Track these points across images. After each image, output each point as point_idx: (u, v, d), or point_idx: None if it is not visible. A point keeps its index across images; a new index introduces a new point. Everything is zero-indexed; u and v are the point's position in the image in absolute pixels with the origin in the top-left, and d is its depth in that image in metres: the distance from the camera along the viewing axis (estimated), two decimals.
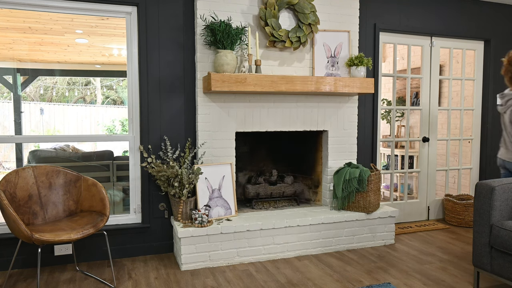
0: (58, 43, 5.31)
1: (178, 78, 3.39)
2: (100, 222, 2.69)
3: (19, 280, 2.90)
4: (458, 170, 4.64)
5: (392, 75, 4.32)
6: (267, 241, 3.26)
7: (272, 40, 3.39)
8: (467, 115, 4.81)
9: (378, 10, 4.04)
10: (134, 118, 3.37)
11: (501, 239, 2.46)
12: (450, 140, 4.58)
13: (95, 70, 7.30)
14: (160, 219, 3.42)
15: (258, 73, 3.24)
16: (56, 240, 2.44)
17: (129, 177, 3.40)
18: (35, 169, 2.86)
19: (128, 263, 3.24)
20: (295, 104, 3.57)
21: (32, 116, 8.35)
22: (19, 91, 6.21)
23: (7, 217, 2.48)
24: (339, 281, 2.88)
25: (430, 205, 4.52)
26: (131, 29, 3.31)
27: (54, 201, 2.89)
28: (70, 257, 3.20)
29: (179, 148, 3.41)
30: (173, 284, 2.83)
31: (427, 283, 2.84)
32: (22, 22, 4.31)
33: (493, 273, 2.56)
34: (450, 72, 4.53)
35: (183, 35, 3.37)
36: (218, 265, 3.14)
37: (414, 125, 5.25)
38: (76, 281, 2.89)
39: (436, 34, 4.33)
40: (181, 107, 3.41)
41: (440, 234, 4.02)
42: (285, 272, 3.02)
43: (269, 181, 3.80)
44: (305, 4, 3.44)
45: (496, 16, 4.53)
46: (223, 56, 3.15)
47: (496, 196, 2.53)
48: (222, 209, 3.35)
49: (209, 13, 3.28)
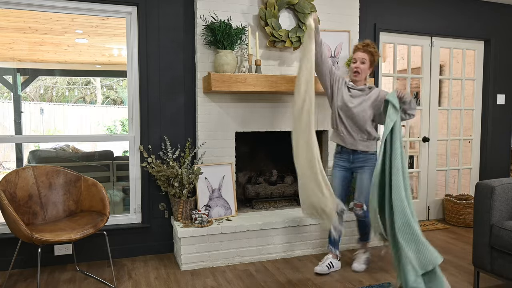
0: (58, 43, 5.31)
1: (178, 78, 3.38)
2: (100, 222, 2.69)
3: (19, 280, 2.90)
4: (458, 170, 4.64)
5: (392, 75, 4.32)
6: (267, 241, 3.26)
7: (272, 40, 3.39)
8: (467, 115, 4.81)
9: (378, 10, 4.03)
10: (134, 118, 3.37)
11: (501, 239, 2.46)
12: (450, 140, 4.58)
13: (95, 70, 7.30)
14: (160, 219, 3.42)
15: (258, 73, 3.24)
16: (56, 240, 2.44)
17: (129, 177, 3.40)
18: (35, 169, 2.86)
19: (128, 263, 3.24)
20: None
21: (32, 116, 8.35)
22: (19, 91, 6.21)
23: (7, 217, 2.48)
24: (339, 281, 2.88)
25: (430, 205, 4.52)
26: (131, 29, 3.31)
27: (54, 201, 2.89)
28: (70, 257, 3.19)
29: (179, 148, 3.41)
30: (173, 284, 2.83)
31: None
32: (22, 22, 4.31)
33: (493, 273, 2.56)
34: (450, 72, 4.53)
35: (183, 35, 3.37)
36: (218, 265, 3.14)
37: (414, 125, 5.25)
38: (76, 281, 2.89)
39: (436, 34, 4.32)
40: (181, 107, 3.41)
41: (440, 234, 4.02)
42: (285, 272, 3.02)
43: (269, 181, 3.80)
44: (305, 4, 3.43)
45: (496, 16, 4.53)
46: (223, 56, 3.15)
47: (496, 196, 2.53)
48: (222, 209, 3.35)
49: (209, 13, 3.28)
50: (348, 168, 3.02)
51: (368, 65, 2.96)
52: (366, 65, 2.95)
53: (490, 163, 4.64)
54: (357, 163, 2.98)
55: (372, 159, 2.97)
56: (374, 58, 2.97)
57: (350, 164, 3.00)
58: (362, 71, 2.95)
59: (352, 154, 2.98)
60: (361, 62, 2.94)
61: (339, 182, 3.04)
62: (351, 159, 2.99)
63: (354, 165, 2.99)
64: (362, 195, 2.97)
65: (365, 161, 2.96)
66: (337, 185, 3.03)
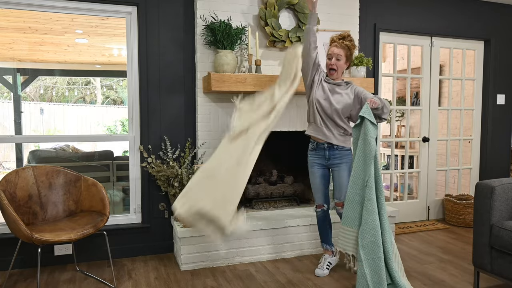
0: (58, 43, 5.31)
1: (178, 78, 3.38)
2: (100, 222, 2.69)
3: (19, 280, 2.90)
4: (458, 170, 4.64)
5: (392, 75, 4.32)
6: (267, 241, 3.26)
7: (272, 40, 3.39)
8: (467, 115, 4.81)
9: (378, 10, 4.03)
10: (134, 118, 3.37)
11: (501, 239, 2.46)
12: (450, 140, 4.58)
13: (95, 70, 7.29)
14: (160, 219, 3.42)
15: (258, 73, 3.24)
16: (56, 240, 2.44)
17: (129, 177, 3.40)
18: (35, 169, 2.86)
19: (128, 263, 3.23)
20: (295, 104, 3.57)
21: (32, 116, 8.35)
22: (19, 91, 6.21)
23: (7, 217, 2.48)
24: (339, 281, 2.88)
25: (430, 205, 4.52)
26: (131, 29, 3.31)
27: (54, 201, 2.89)
28: (70, 257, 3.19)
29: (179, 148, 3.41)
30: (173, 284, 2.83)
31: (427, 283, 2.84)
32: (22, 22, 4.31)
33: (493, 273, 2.56)
34: (450, 72, 4.53)
35: (183, 35, 3.37)
36: (218, 265, 3.14)
37: (414, 125, 5.25)
38: (76, 281, 2.89)
39: (436, 34, 4.32)
40: (181, 107, 3.41)
41: (440, 234, 4.02)
42: (285, 272, 3.02)
43: (269, 181, 3.80)
44: (305, 4, 3.43)
45: (496, 16, 4.53)
46: (223, 56, 3.15)
47: (496, 196, 2.53)
48: None
49: (209, 13, 3.28)
50: (325, 165, 2.94)
51: (344, 60, 2.85)
52: (341, 61, 2.84)
53: (490, 163, 4.64)
54: (333, 159, 2.89)
55: (349, 155, 2.90)
56: (350, 51, 2.87)
57: (326, 161, 2.92)
58: (338, 67, 2.85)
59: (328, 150, 2.88)
60: (337, 58, 2.84)
61: (320, 181, 2.96)
62: (327, 155, 2.90)
63: (331, 162, 2.91)
64: (342, 193, 2.89)
65: (341, 157, 2.88)
66: (319, 184, 2.96)
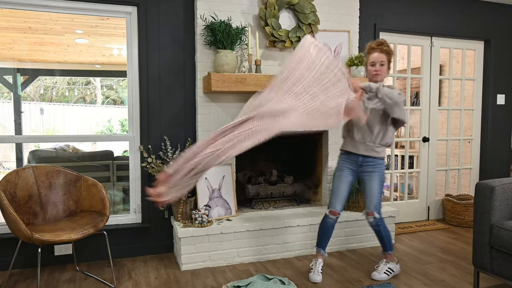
0: (58, 43, 5.31)
1: (178, 78, 3.38)
2: (100, 222, 2.69)
3: (19, 280, 2.90)
4: (458, 170, 4.64)
5: (392, 75, 4.32)
6: (267, 241, 3.26)
7: (272, 40, 3.39)
8: (467, 115, 4.81)
9: (378, 10, 4.03)
10: (134, 118, 3.37)
11: (501, 239, 2.46)
12: (450, 140, 4.58)
13: (95, 70, 7.30)
14: (160, 219, 3.41)
15: (258, 73, 3.24)
16: (56, 240, 2.44)
17: (129, 177, 3.40)
18: (35, 169, 2.86)
19: (128, 263, 3.23)
20: None
21: (32, 116, 8.35)
22: (19, 91, 6.21)
23: (7, 217, 2.48)
24: (339, 281, 2.88)
25: (430, 205, 4.52)
26: (131, 29, 3.31)
27: (54, 201, 2.89)
28: (70, 257, 3.19)
29: (179, 148, 3.41)
30: (173, 284, 2.83)
31: (427, 283, 2.84)
32: (22, 22, 4.31)
33: (493, 273, 2.56)
34: (450, 72, 4.53)
35: (183, 35, 3.37)
36: (218, 265, 3.14)
37: (414, 125, 5.25)
38: (76, 281, 2.89)
39: (436, 34, 4.32)
40: (181, 107, 3.41)
41: (440, 234, 4.02)
42: (285, 272, 3.02)
43: (269, 181, 3.80)
44: (305, 4, 3.43)
45: (496, 16, 4.53)
46: (223, 56, 3.15)
47: (496, 196, 2.53)
48: (222, 209, 3.35)
49: (209, 13, 3.28)
50: (356, 171, 2.85)
51: (387, 66, 2.77)
52: (385, 66, 2.76)
53: (490, 163, 4.64)
54: (366, 167, 2.81)
55: (382, 164, 2.81)
56: (390, 56, 2.78)
57: (358, 168, 2.83)
58: (383, 73, 2.76)
59: (362, 157, 2.81)
60: (380, 64, 2.74)
61: (345, 188, 2.86)
62: (359, 162, 2.82)
63: (363, 169, 2.82)
64: (373, 203, 2.81)
65: (374, 166, 2.79)
66: (343, 190, 2.86)
